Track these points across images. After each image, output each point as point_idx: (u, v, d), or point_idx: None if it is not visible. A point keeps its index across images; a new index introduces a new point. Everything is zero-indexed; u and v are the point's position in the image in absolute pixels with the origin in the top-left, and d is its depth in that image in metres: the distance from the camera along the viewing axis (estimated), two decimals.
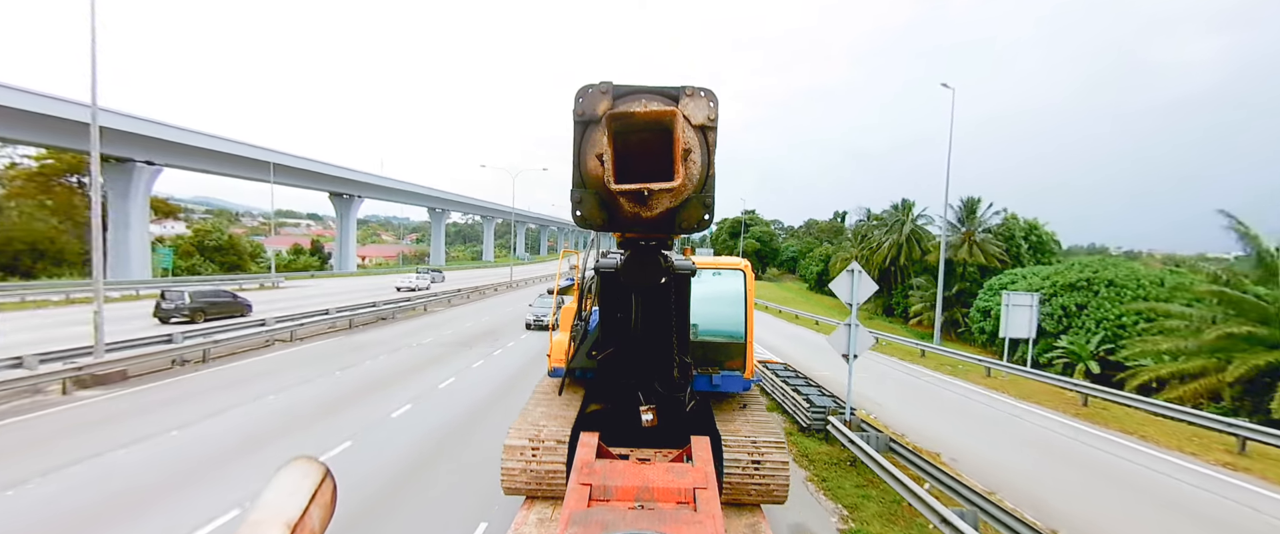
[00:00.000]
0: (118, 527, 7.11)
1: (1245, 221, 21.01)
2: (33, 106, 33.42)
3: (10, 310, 25.86)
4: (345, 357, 18.19)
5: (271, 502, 1.20)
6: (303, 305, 29.62)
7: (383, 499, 8.11)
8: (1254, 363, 17.77)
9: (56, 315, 24.51)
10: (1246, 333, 18.69)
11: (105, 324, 14.44)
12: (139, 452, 9.50)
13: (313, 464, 1.32)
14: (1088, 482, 10.69)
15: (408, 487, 8.55)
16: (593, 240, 6.52)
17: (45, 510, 7.43)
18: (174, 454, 9.48)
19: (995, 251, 42.30)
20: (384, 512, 7.74)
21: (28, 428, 10.66)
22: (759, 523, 5.06)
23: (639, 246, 3.67)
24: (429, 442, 10.52)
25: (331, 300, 32.56)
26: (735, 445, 5.24)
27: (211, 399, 12.73)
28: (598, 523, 3.13)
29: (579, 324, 6.09)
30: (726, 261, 6.52)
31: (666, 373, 4.65)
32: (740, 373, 6.10)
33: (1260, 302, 19.35)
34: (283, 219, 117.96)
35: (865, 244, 54.45)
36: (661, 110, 2.27)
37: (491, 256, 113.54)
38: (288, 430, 10.91)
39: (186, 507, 7.64)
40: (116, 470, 8.73)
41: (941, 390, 18.25)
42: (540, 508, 5.11)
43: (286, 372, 15.72)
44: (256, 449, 9.84)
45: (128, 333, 18.10)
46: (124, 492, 8.02)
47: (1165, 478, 11.09)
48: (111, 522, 7.21)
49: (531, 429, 5.28)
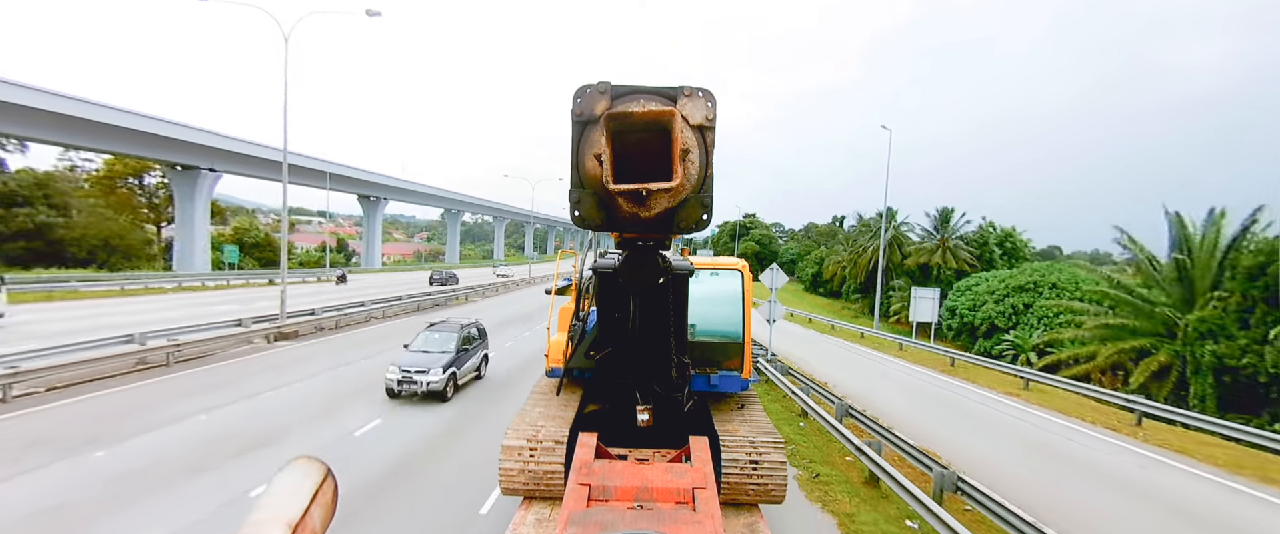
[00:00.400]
0: (330, 411, 12.66)
1: (1132, 234, 26.32)
2: (111, 119, 38.46)
3: (114, 298, 31.33)
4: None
5: (273, 501, 1.22)
6: (373, 294, 35.17)
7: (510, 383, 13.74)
8: (1120, 347, 23.06)
9: (150, 302, 29.95)
10: (1119, 324, 23.98)
11: (217, 308, 20.00)
12: (322, 377, 15.31)
13: (314, 464, 1.34)
14: (950, 419, 16.06)
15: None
16: (590, 240, 6.50)
17: (282, 403, 13.02)
18: (342, 379, 15.16)
19: (966, 257, 47.53)
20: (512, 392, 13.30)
21: (255, 362, 16.58)
22: (757, 522, 5.11)
23: (637, 247, 3.71)
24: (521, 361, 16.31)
25: (383, 292, 38.18)
26: (733, 445, 5.27)
27: (352, 351, 18.51)
28: (597, 523, 3.15)
29: (577, 324, 6.08)
30: (724, 262, 6.59)
31: (665, 373, 4.67)
32: (738, 373, 6.17)
33: (1137, 299, 24.63)
34: (294, 216, 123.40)
35: (854, 247, 59.71)
36: (659, 110, 2.32)
37: (502, 255, 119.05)
38: None
39: (348, 411, 13.14)
40: (313, 386, 14.40)
41: (863, 359, 24.18)
42: (538, 508, 5.13)
43: (392, 337, 21.37)
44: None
45: (238, 314, 23.61)
46: (316, 395, 13.71)
47: (1028, 425, 16.44)
48: (325, 408, 12.80)
49: (529, 429, 5.29)
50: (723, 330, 6.19)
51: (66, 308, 24.86)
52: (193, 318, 21.01)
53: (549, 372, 6.64)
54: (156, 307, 26.40)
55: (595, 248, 6.22)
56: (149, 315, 22.59)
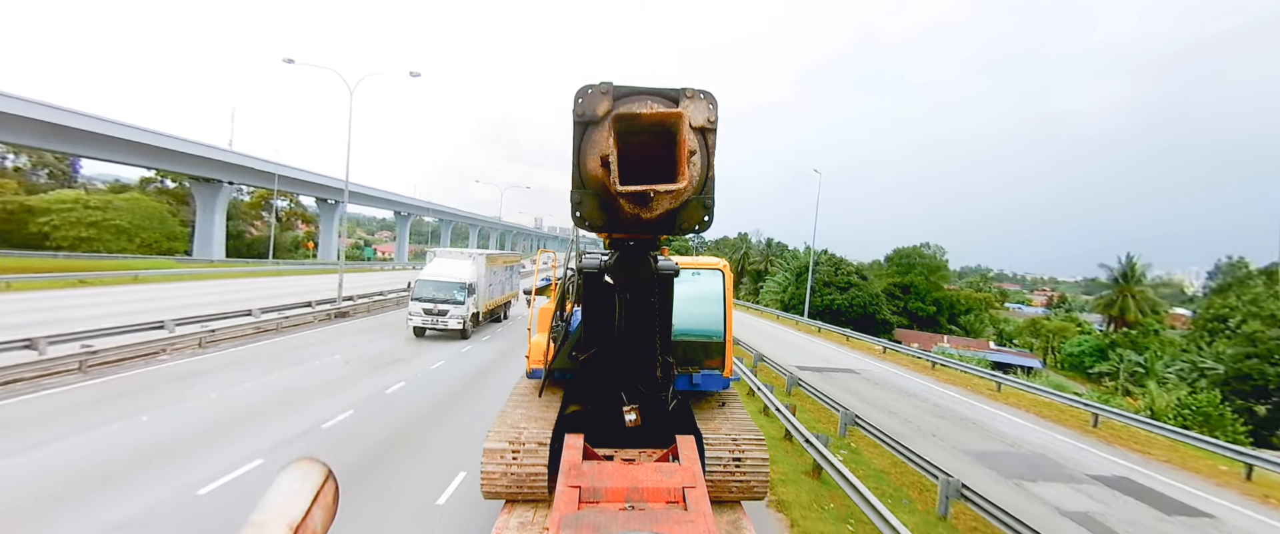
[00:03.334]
0: (392, 363, 19.43)
1: None
2: (153, 142, 45.95)
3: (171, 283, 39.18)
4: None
5: (274, 503, 1.23)
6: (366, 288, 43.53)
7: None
8: None
9: (204, 286, 38.04)
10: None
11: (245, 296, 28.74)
12: (383, 341, 23.31)
13: (315, 466, 1.36)
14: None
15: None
16: (572, 240, 6.40)
17: (362, 363, 21.26)
18: (391, 345, 23.51)
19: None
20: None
21: (319, 334, 24.27)
22: (740, 519, 5.14)
23: (628, 248, 3.69)
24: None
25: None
26: (717, 444, 5.31)
27: (384, 326, 27.17)
28: (589, 526, 3.12)
29: (559, 325, 6.04)
30: (705, 262, 6.64)
31: (649, 373, 4.65)
32: (719, 371, 6.23)
33: None
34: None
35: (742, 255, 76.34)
36: (667, 112, 2.33)
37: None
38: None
39: (406, 363, 21.42)
40: (380, 348, 22.60)
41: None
42: (521, 512, 5.04)
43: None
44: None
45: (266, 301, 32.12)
46: (379, 356, 20.31)
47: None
48: (388, 362, 19.76)
49: (511, 431, 5.20)
50: (704, 329, 6.25)
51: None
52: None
53: (530, 373, 6.54)
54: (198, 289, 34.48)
55: (577, 248, 6.17)
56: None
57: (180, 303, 26.03)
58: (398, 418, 12.81)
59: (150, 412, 11.75)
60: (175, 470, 9.14)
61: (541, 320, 6.67)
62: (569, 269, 6.29)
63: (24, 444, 9.65)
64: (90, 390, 13.04)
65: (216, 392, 13.65)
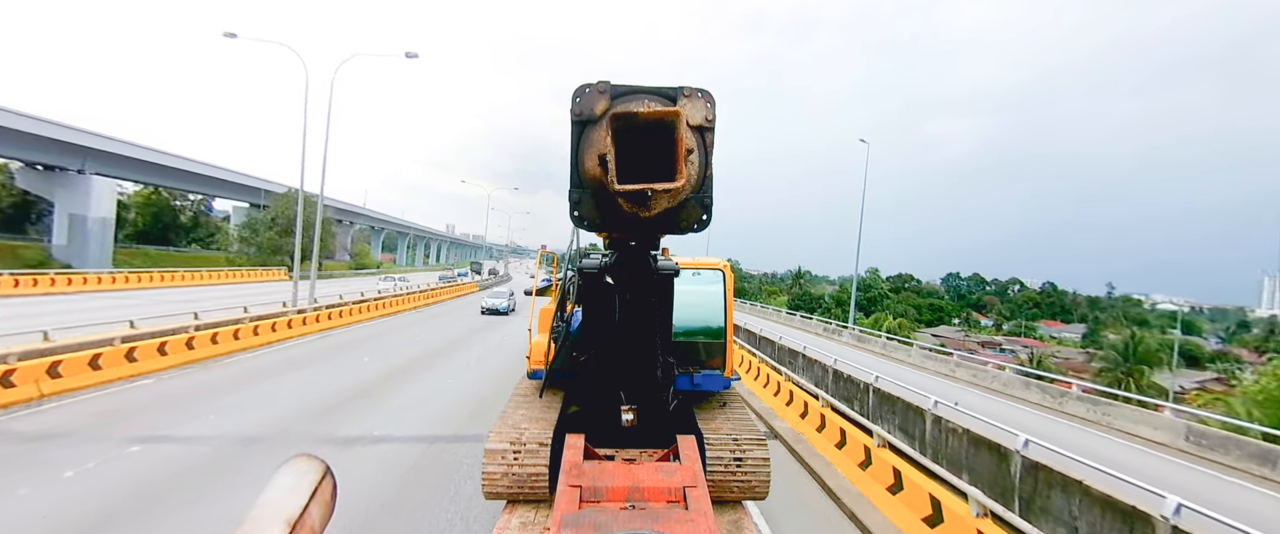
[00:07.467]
0: (439, 355, 19.64)
1: None
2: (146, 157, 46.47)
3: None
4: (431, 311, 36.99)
5: (272, 500, 1.21)
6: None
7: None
8: None
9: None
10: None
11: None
12: (419, 328, 26.63)
13: (313, 462, 1.33)
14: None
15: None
16: (572, 240, 6.40)
17: (401, 348, 20.73)
18: (428, 333, 26.63)
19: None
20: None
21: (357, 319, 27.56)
22: (742, 518, 5.18)
23: (627, 248, 3.70)
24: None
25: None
26: (718, 443, 5.32)
27: (415, 314, 31.20)
28: (590, 525, 3.11)
29: (560, 325, 5.99)
30: (706, 262, 6.65)
31: (650, 373, 4.66)
32: (720, 372, 6.26)
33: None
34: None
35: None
36: (665, 110, 2.33)
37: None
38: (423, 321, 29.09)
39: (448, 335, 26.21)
40: (417, 334, 26.47)
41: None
42: (522, 512, 5.05)
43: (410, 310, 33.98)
44: (434, 319, 28.29)
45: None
46: (413, 344, 21.68)
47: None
48: (435, 353, 19.87)
49: (512, 432, 5.21)
50: (705, 329, 6.33)
51: None
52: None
53: (530, 374, 6.57)
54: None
55: (577, 248, 6.09)
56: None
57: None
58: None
59: (371, 355, 18.81)
60: (432, 363, 17.88)
61: (542, 321, 6.65)
62: (569, 270, 6.32)
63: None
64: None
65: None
